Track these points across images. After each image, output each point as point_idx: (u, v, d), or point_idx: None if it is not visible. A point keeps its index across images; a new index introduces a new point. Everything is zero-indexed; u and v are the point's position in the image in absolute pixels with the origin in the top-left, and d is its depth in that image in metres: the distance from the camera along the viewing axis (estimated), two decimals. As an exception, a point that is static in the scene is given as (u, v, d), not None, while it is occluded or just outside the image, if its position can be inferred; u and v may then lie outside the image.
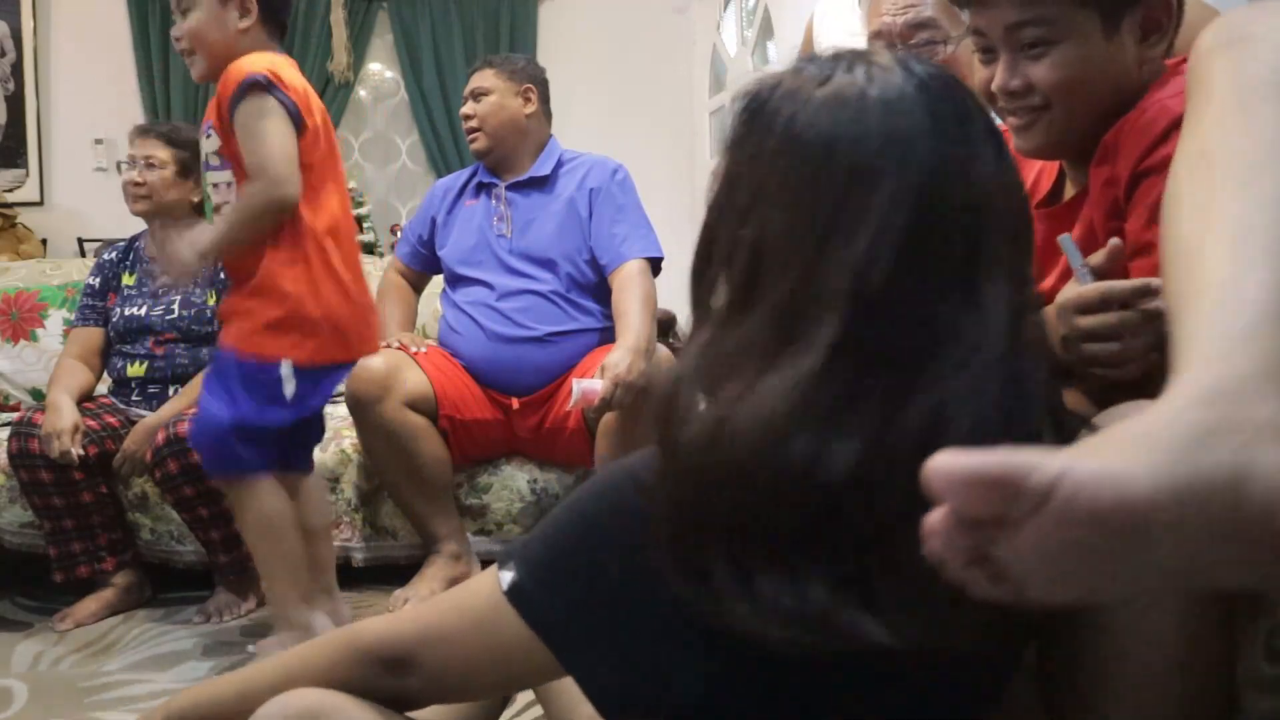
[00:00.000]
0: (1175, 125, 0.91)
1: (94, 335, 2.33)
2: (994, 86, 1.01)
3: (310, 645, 0.77)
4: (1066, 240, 0.91)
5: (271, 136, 1.63)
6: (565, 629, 0.65)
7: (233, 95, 1.64)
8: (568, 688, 0.89)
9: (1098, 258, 0.90)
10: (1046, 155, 1.10)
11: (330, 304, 1.71)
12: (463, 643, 0.69)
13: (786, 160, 0.63)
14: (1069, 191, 1.11)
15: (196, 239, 1.64)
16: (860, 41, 1.65)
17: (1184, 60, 1.04)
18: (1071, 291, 0.89)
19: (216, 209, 1.74)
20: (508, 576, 0.67)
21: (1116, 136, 0.97)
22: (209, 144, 1.73)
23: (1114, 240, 0.89)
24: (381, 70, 4.78)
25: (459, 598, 0.71)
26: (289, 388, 1.69)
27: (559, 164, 2.39)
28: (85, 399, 2.24)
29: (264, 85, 1.64)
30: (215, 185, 1.74)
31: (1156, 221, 0.91)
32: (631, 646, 0.64)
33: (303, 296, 1.68)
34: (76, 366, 2.28)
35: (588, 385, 2.00)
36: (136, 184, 2.29)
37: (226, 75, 1.67)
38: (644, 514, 0.62)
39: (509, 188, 2.38)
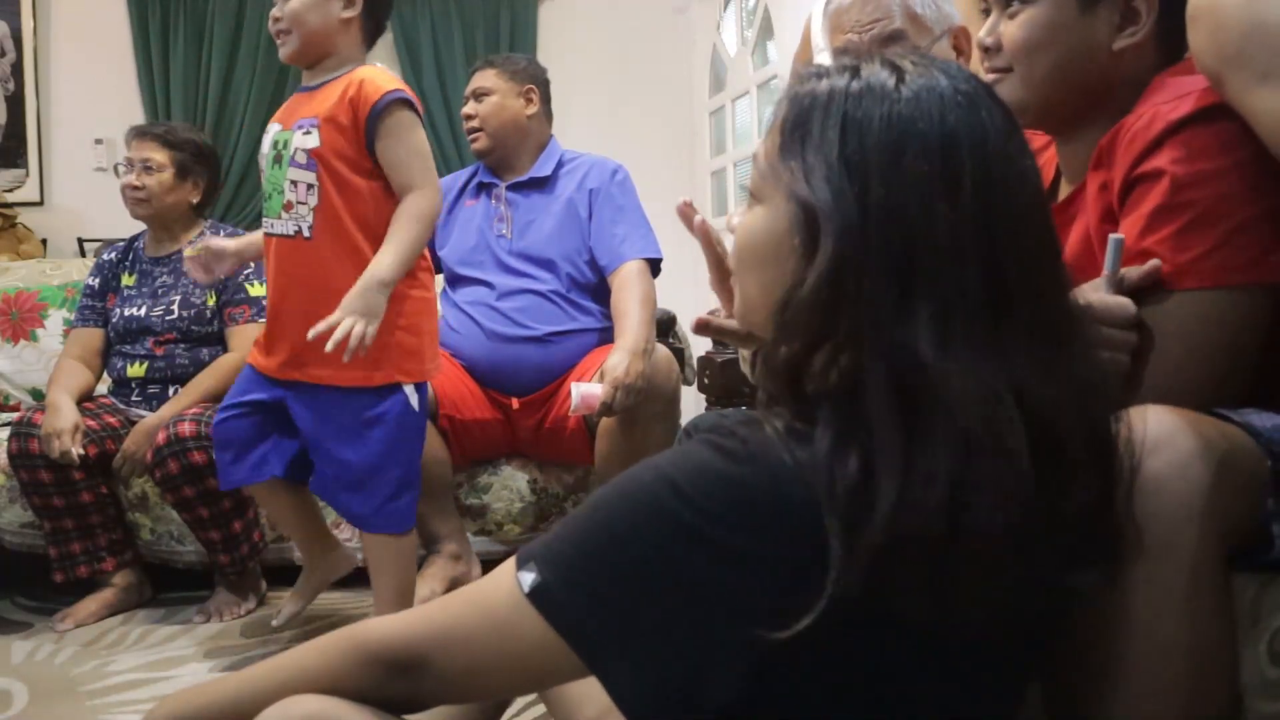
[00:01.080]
0: (1170, 132, 0.91)
1: (94, 336, 2.33)
2: (975, 41, 1.06)
3: (311, 647, 0.76)
4: (1117, 241, 0.92)
5: (425, 148, 1.70)
6: (594, 632, 0.65)
7: (377, 104, 1.65)
8: (572, 689, 0.89)
9: (1134, 273, 0.91)
10: None
11: (431, 315, 1.80)
12: (480, 644, 0.68)
13: (921, 161, 0.66)
14: (1064, 190, 1.11)
15: (374, 275, 1.60)
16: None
17: (1180, 64, 1.04)
18: (1096, 297, 0.90)
19: (287, 206, 1.71)
20: (529, 578, 0.66)
21: (1113, 140, 0.97)
22: (305, 140, 1.68)
23: (1154, 261, 0.90)
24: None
25: (473, 598, 0.70)
26: (417, 407, 1.76)
27: (559, 164, 2.39)
28: (85, 399, 2.24)
29: (410, 103, 1.69)
30: (294, 183, 1.69)
31: (1150, 230, 0.92)
32: (664, 650, 0.63)
33: (422, 313, 1.76)
34: (76, 367, 2.27)
35: (587, 390, 1.99)
36: (135, 187, 2.28)
37: (364, 82, 1.67)
38: (683, 518, 0.62)
39: (509, 188, 2.38)
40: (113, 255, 2.42)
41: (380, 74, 1.71)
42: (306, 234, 1.69)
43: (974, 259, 0.64)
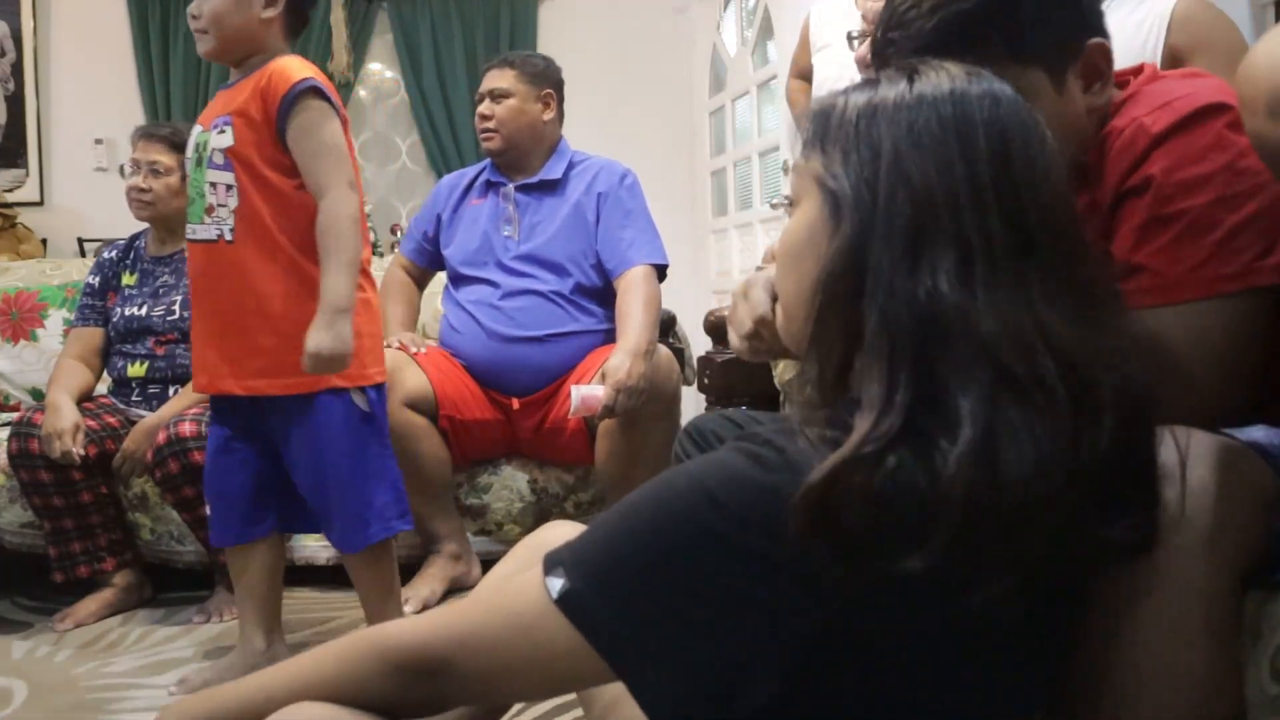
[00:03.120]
0: (1154, 144, 0.90)
1: (94, 335, 2.33)
2: None
3: (328, 651, 0.74)
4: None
5: (337, 141, 1.61)
6: (623, 640, 0.65)
7: (287, 95, 1.59)
8: (608, 690, 0.88)
9: None
10: None
11: (373, 315, 1.73)
12: (505, 649, 0.68)
13: (942, 136, 0.69)
14: None
15: (329, 304, 1.54)
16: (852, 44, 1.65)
17: (1142, 68, 1.03)
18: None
19: (209, 209, 1.64)
20: (557, 584, 0.66)
21: (1099, 158, 0.97)
22: (220, 139, 1.62)
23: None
24: (381, 70, 4.78)
25: (496, 602, 0.69)
26: (368, 411, 1.70)
27: (569, 166, 2.38)
28: (85, 399, 2.23)
29: (321, 91, 1.61)
30: (213, 185, 1.63)
31: (1143, 243, 0.91)
32: (695, 657, 0.63)
33: (358, 314, 1.64)
34: (76, 366, 2.27)
35: (587, 392, 1.98)
36: (141, 190, 2.28)
37: (273, 75, 1.61)
38: (717, 527, 0.62)
39: (518, 189, 2.37)
40: (113, 254, 2.41)
41: (293, 62, 1.64)
42: (229, 238, 1.62)
43: (994, 207, 0.66)
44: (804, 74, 2.60)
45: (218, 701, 0.78)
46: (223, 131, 1.62)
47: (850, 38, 1.61)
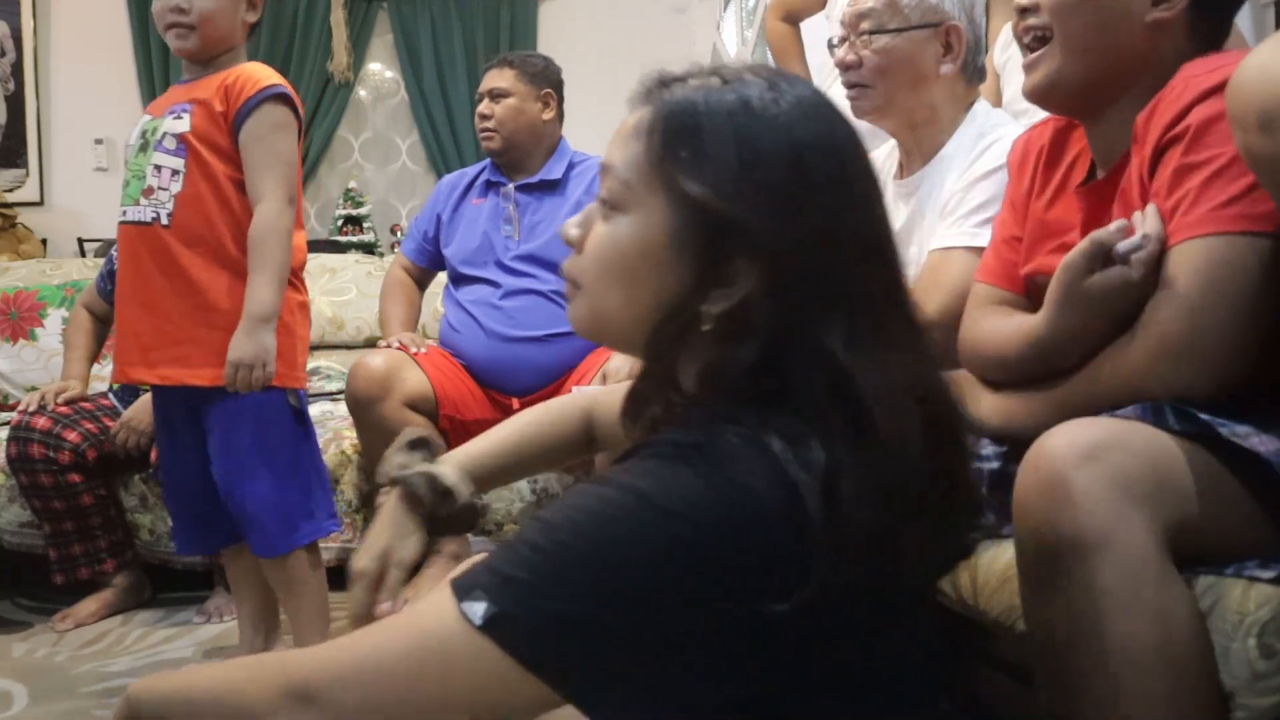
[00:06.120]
0: (1202, 98, 0.91)
1: (104, 308, 2.33)
2: (1014, 4, 1.09)
3: (247, 660, 0.68)
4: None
5: (287, 154, 1.64)
6: (575, 662, 0.60)
7: (253, 96, 1.62)
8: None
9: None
10: (1051, 99, 1.11)
11: (306, 318, 1.74)
12: (403, 681, 0.61)
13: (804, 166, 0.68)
14: (1100, 173, 1.11)
15: (252, 314, 1.57)
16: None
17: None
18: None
19: (146, 191, 1.63)
20: (479, 608, 0.60)
21: (1150, 115, 0.98)
22: (176, 124, 1.63)
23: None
24: (381, 70, 4.77)
25: (392, 634, 0.63)
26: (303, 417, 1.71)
27: (569, 166, 2.38)
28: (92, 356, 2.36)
29: (287, 98, 1.64)
30: (158, 168, 1.63)
31: (1177, 185, 0.91)
32: (656, 671, 0.61)
33: (295, 314, 1.69)
34: (87, 327, 2.35)
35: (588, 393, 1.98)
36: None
37: (242, 74, 1.64)
38: (673, 531, 0.60)
39: (518, 189, 2.37)
40: None
41: (263, 68, 1.69)
42: (164, 221, 1.62)
43: (877, 260, 0.69)
44: (791, 16, 2.52)
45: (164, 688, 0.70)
46: (179, 117, 1.64)
47: (831, 45, 1.61)
